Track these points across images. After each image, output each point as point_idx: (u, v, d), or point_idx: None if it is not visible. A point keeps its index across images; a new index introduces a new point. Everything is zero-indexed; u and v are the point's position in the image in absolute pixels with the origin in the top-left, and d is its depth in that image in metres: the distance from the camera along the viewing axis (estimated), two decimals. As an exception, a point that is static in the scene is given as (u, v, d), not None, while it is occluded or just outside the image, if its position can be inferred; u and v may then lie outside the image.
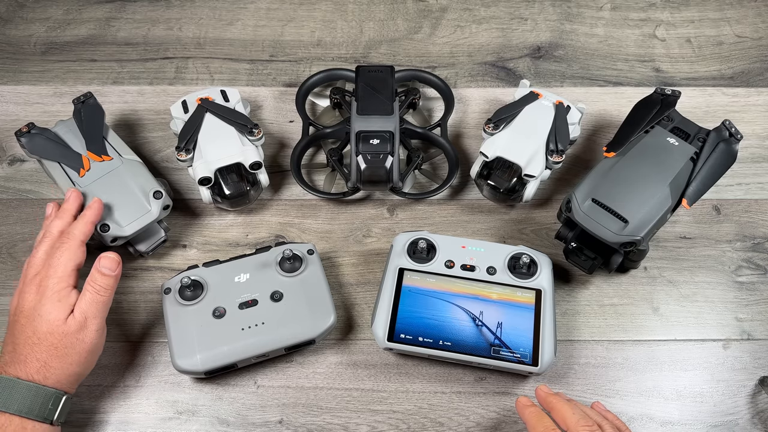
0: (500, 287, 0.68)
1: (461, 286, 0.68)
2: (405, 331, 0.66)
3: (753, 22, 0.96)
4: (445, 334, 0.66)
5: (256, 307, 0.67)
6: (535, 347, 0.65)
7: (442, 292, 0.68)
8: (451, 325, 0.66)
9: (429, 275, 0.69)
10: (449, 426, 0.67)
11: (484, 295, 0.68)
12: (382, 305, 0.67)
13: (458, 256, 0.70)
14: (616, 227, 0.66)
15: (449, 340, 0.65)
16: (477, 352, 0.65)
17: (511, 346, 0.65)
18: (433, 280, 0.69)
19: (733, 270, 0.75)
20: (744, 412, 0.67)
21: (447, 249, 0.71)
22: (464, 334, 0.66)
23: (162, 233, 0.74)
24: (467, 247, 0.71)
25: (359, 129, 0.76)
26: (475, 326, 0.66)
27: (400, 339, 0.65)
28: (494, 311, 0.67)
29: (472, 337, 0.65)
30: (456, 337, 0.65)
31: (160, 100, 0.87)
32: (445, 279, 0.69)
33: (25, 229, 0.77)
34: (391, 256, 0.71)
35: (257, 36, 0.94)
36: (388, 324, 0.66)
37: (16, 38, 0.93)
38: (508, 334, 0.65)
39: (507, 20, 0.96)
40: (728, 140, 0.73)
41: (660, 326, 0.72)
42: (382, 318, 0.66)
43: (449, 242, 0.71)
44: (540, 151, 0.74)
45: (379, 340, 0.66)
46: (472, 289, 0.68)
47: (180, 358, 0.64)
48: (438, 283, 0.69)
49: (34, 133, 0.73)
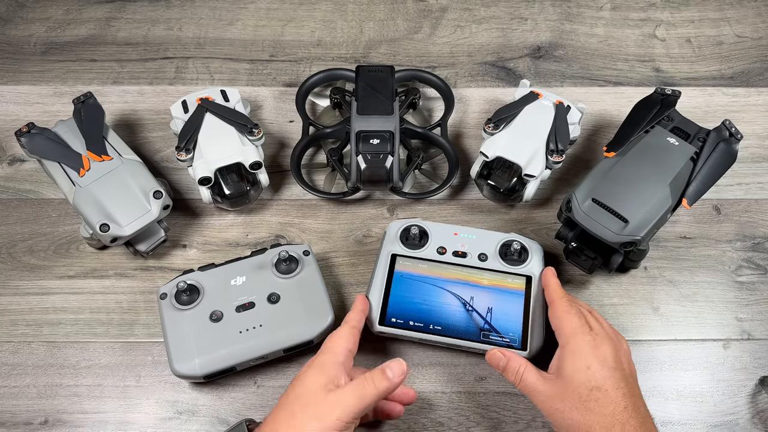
0: (491, 273, 0.69)
1: (453, 272, 0.69)
2: (396, 315, 0.67)
3: (753, 22, 0.96)
4: (436, 318, 0.67)
5: (254, 309, 0.67)
6: (524, 332, 0.66)
7: (434, 278, 0.69)
8: (442, 310, 0.67)
9: (421, 261, 0.70)
10: (449, 426, 0.67)
11: (475, 281, 0.69)
12: (374, 290, 0.68)
13: (450, 243, 0.71)
14: (616, 227, 0.66)
15: (440, 325, 0.66)
16: (467, 336, 0.66)
17: (500, 330, 0.66)
18: (425, 266, 0.70)
19: (734, 270, 0.75)
20: (744, 412, 0.67)
21: (439, 236, 0.72)
22: (455, 318, 0.67)
23: (162, 233, 0.74)
24: (459, 234, 0.72)
25: (359, 129, 0.76)
26: (466, 311, 0.67)
27: (392, 323, 0.66)
28: (485, 297, 0.68)
29: (462, 321, 0.67)
30: (447, 321, 0.67)
31: (160, 100, 0.87)
32: (436, 265, 0.70)
33: (25, 229, 0.77)
34: (384, 243, 0.72)
35: (257, 36, 0.94)
36: (380, 308, 0.67)
37: (16, 38, 0.93)
38: (497, 319, 0.67)
39: (507, 20, 0.96)
40: (728, 140, 0.73)
41: (660, 326, 0.72)
42: (374, 303, 0.67)
43: (442, 229, 0.72)
44: (540, 151, 0.74)
45: (370, 324, 0.67)
46: (464, 275, 0.69)
47: (178, 363, 0.64)
48: (430, 269, 0.70)
49: (34, 133, 0.73)
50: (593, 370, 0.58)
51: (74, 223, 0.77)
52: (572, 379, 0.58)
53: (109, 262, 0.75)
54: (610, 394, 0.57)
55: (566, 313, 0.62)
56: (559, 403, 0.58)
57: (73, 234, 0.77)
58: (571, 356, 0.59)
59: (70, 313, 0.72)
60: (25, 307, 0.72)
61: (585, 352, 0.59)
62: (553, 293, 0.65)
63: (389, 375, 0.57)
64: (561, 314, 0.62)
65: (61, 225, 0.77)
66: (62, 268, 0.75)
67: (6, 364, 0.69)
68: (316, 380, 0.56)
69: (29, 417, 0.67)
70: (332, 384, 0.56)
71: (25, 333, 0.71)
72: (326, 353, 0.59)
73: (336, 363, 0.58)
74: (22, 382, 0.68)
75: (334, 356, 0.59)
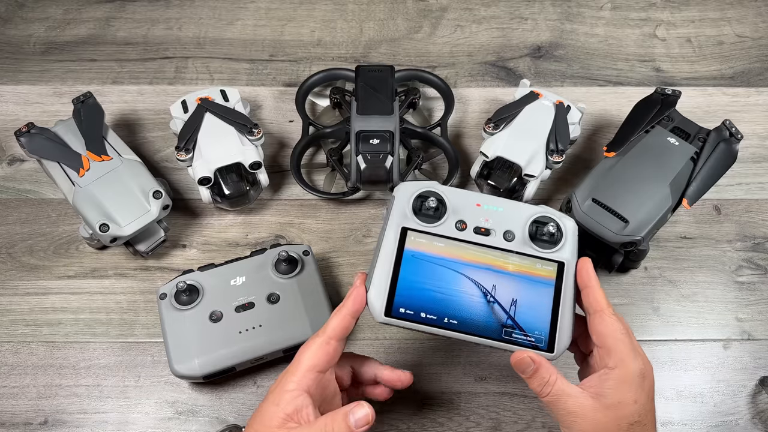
0: (518, 257, 0.58)
1: (473, 254, 0.57)
2: (406, 305, 0.55)
3: (753, 21, 0.96)
4: (452, 310, 0.56)
5: (253, 309, 0.67)
6: (551, 330, 0.56)
7: (451, 260, 0.57)
8: (459, 300, 0.56)
9: (437, 238, 0.58)
10: (449, 426, 0.67)
11: (498, 266, 0.57)
12: (380, 272, 0.56)
13: (472, 216, 0.59)
14: (616, 227, 0.66)
15: (456, 318, 0.55)
16: (486, 333, 0.55)
17: (525, 327, 0.56)
18: (442, 244, 0.57)
19: (734, 270, 0.75)
20: (744, 412, 0.67)
21: (459, 206, 0.59)
22: (473, 311, 0.56)
23: (161, 233, 0.74)
24: (483, 205, 0.59)
25: (359, 129, 0.76)
26: (486, 303, 0.56)
27: (400, 314, 0.55)
28: (509, 285, 0.57)
29: (482, 315, 0.56)
30: (464, 314, 0.56)
31: (160, 100, 0.87)
32: (455, 244, 0.58)
33: (25, 229, 0.77)
34: (393, 212, 0.58)
35: (257, 36, 0.94)
36: (387, 295, 0.55)
37: (16, 38, 0.93)
38: (522, 314, 0.56)
39: (507, 20, 0.96)
40: (728, 140, 0.73)
41: (660, 326, 0.72)
42: (380, 288, 0.55)
43: (462, 198, 0.59)
44: (540, 150, 0.74)
45: (375, 313, 0.55)
46: (486, 258, 0.57)
47: (178, 364, 0.64)
48: (447, 249, 0.57)
49: (34, 133, 0.73)
50: (639, 404, 0.53)
51: (74, 223, 0.77)
52: (617, 410, 0.52)
53: (108, 262, 0.75)
54: (647, 429, 0.53)
55: (617, 331, 0.54)
56: (590, 427, 0.52)
57: (73, 234, 0.77)
58: (620, 384, 0.53)
59: (70, 313, 0.72)
60: (25, 307, 0.72)
61: (636, 384, 0.53)
62: (600, 299, 0.55)
63: (351, 423, 0.51)
64: (612, 331, 0.54)
65: (60, 225, 0.77)
66: (62, 268, 0.75)
67: (6, 364, 0.69)
68: (274, 416, 0.51)
69: (29, 417, 0.67)
70: (292, 421, 0.51)
71: (25, 333, 0.71)
72: (289, 379, 0.53)
73: (297, 392, 0.52)
74: (21, 382, 0.68)
75: (297, 383, 0.52)
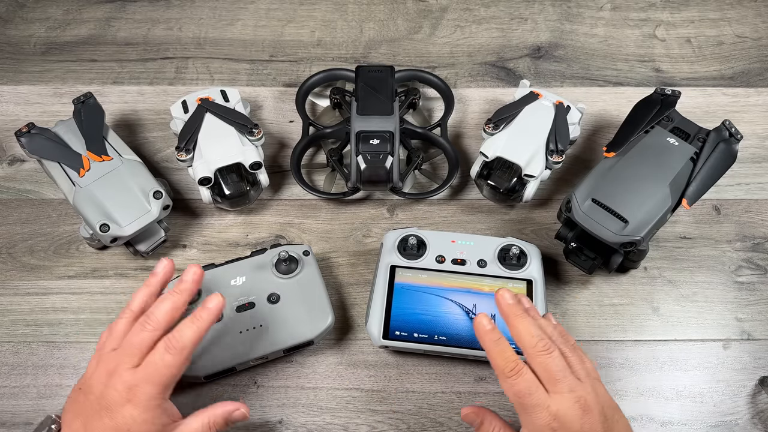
0: (491, 279, 0.69)
1: (453, 281, 0.69)
2: (400, 328, 0.66)
3: (753, 22, 0.96)
4: (440, 328, 0.66)
5: (254, 309, 0.67)
6: None
7: (435, 287, 0.69)
8: (445, 320, 0.67)
9: (420, 271, 0.70)
10: (449, 426, 0.67)
11: (476, 288, 0.69)
12: (375, 304, 0.68)
13: (448, 251, 0.71)
14: (616, 227, 0.66)
15: (444, 335, 0.66)
16: (472, 344, 0.65)
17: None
18: (425, 275, 0.69)
19: (733, 270, 0.75)
20: (744, 412, 0.67)
21: (437, 244, 0.71)
22: (459, 327, 0.67)
23: (162, 233, 0.74)
24: (457, 241, 0.72)
25: (359, 129, 0.76)
26: (469, 319, 0.67)
27: (395, 336, 0.66)
28: (487, 303, 0.68)
29: (466, 330, 0.66)
30: (451, 331, 0.66)
31: (160, 100, 0.87)
32: (436, 274, 0.69)
33: (25, 229, 0.77)
34: (382, 254, 0.71)
35: (257, 36, 0.94)
36: (383, 322, 0.66)
37: (16, 38, 0.93)
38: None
39: (507, 20, 0.96)
40: (728, 140, 0.73)
41: (660, 326, 0.72)
42: (376, 316, 0.67)
43: (439, 237, 0.72)
44: (540, 151, 0.74)
45: (374, 338, 0.66)
46: (464, 283, 0.69)
47: None
48: (430, 279, 0.69)
49: (34, 133, 0.73)
50: None
51: (74, 223, 0.78)
52: None
53: (109, 262, 0.75)
54: None
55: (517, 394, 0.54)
56: None
57: (73, 234, 0.77)
58: None
59: (70, 314, 0.72)
60: (25, 307, 0.72)
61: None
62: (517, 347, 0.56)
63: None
64: (513, 394, 0.54)
65: (61, 225, 0.77)
66: (62, 268, 0.75)
67: (6, 364, 0.69)
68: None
69: (29, 417, 0.67)
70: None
71: (25, 333, 0.71)
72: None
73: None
74: (22, 382, 0.68)
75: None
